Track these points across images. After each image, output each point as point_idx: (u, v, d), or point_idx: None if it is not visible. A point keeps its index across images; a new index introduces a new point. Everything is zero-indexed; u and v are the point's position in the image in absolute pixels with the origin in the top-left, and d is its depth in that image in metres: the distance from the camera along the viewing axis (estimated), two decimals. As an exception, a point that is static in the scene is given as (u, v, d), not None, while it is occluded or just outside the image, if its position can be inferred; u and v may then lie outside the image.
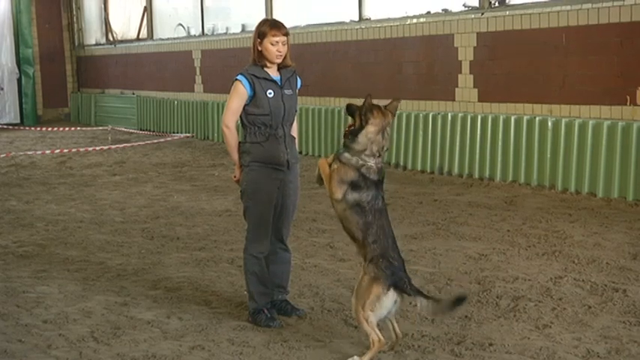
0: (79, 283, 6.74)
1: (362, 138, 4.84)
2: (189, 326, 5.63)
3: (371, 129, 4.83)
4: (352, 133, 4.89)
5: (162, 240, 8.30)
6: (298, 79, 5.75)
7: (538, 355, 4.94)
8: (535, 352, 4.99)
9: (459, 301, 4.81)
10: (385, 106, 4.94)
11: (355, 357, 4.83)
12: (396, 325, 5.03)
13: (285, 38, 5.52)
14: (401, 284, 4.81)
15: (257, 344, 5.26)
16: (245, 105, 5.55)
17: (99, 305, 6.13)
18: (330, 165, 4.98)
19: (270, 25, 5.55)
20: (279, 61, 5.56)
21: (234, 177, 5.71)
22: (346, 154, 4.89)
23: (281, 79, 5.61)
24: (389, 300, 4.77)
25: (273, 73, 5.60)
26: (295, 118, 5.78)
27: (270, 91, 5.54)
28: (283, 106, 5.57)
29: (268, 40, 5.51)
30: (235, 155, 5.63)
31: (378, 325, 4.84)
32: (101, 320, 5.79)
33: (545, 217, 8.75)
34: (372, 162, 4.86)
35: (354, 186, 4.87)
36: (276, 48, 5.51)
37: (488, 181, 11.01)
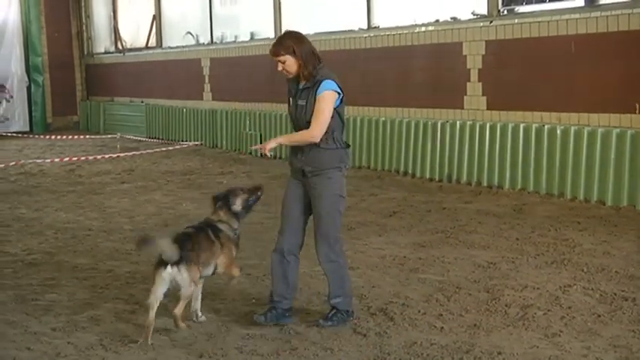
0: (88, 291, 6.75)
1: None
2: (198, 334, 5.64)
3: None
4: None
5: (171, 248, 8.30)
6: (322, 84, 5.67)
7: (547, 364, 4.93)
8: (544, 361, 4.98)
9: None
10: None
11: None
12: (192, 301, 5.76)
13: (278, 58, 5.65)
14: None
15: (265, 352, 5.26)
16: None
17: (108, 313, 6.14)
18: None
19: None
20: (289, 76, 5.73)
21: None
22: None
23: (297, 88, 5.75)
24: (157, 276, 5.50)
25: (301, 82, 5.74)
26: (315, 119, 5.67)
27: (290, 99, 5.82)
28: (295, 114, 5.77)
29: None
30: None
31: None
32: (110, 328, 5.80)
33: (554, 226, 8.73)
34: None
35: None
36: (278, 67, 5.70)
37: (496, 189, 10.99)
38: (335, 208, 5.73)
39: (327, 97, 5.65)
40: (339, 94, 5.73)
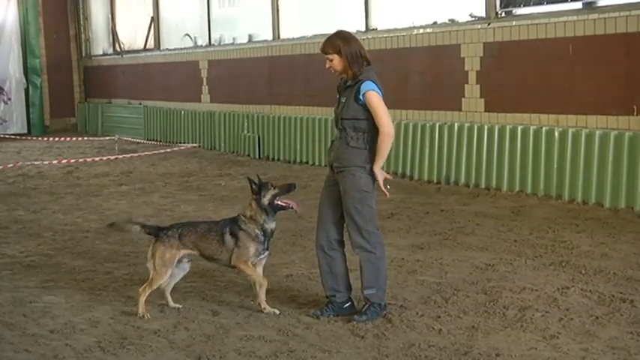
0: (86, 293, 6.75)
1: None
2: (196, 336, 5.64)
3: None
4: None
5: (169, 250, 8.29)
6: (362, 85, 5.82)
7: (545, 366, 4.94)
8: (542, 363, 4.98)
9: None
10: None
11: None
12: None
13: (326, 56, 5.89)
14: None
15: (264, 354, 5.26)
16: None
17: (106, 315, 6.14)
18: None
19: None
20: (336, 74, 5.96)
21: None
22: None
23: (340, 85, 5.97)
24: None
25: (348, 81, 5.93)
26: (377, 118, 5.79)
27: (337, 96, 6.00)
28: (336, 111, 5.95)
29: None
30: None
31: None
32: (108, 330, 5.80)
33: (552, 228, 8.73)
34: None
35: None
36: (326, 64, 5.92)
37: (495, 191, 10.98)
38: (362, 203, 5.84)
39: (373, 96, 5.81)
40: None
